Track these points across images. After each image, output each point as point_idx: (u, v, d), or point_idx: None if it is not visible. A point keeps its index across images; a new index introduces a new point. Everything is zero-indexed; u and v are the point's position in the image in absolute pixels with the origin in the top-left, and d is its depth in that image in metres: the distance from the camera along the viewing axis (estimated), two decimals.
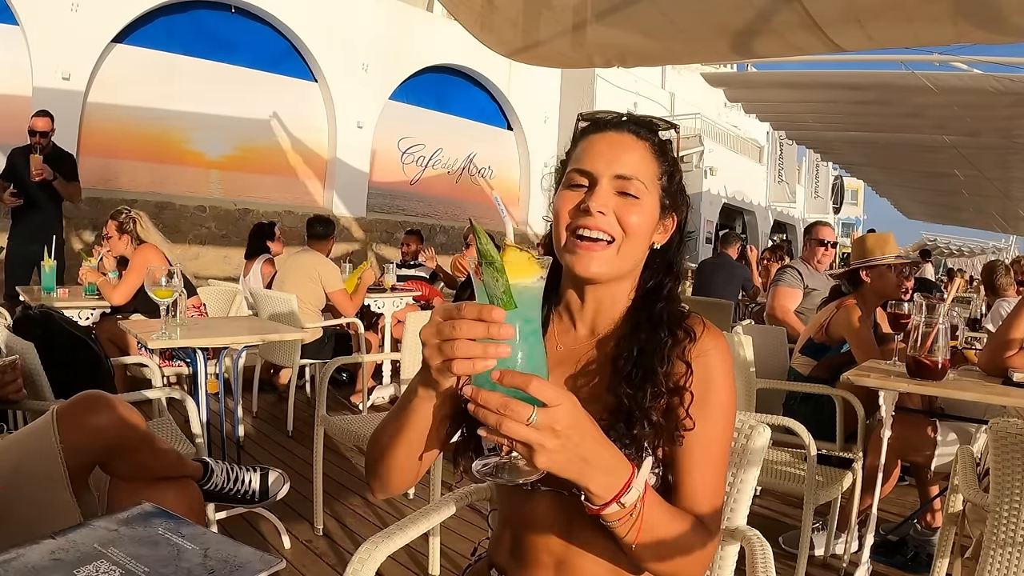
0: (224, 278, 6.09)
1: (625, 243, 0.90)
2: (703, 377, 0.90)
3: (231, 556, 0.72)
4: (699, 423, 0.88)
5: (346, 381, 4.90)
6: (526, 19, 3.04)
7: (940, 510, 2.44)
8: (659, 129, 0.97)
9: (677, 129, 1.01)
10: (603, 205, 0.89)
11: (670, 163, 0.96)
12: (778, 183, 18.47)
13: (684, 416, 0.88)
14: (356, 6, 9.47)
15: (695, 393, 0.88)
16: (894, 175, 9.36)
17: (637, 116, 0.97)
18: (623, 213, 0.90)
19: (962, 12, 2.27)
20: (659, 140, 0.96)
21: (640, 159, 0.92)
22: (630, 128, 0.94)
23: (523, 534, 0.95)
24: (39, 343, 2.08)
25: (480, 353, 0.65)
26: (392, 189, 10.63)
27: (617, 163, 0.91)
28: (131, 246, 3.59)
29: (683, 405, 0.88)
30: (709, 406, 0.89)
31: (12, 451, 1.31)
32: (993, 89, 4.62)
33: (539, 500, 0.92)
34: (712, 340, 0.92)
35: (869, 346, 2.66)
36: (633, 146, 0.93)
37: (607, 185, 0.90)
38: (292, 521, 2.56)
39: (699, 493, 0.89)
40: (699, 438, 0.88)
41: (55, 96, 6.82)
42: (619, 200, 0.90)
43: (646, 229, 0.92)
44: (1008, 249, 16.02)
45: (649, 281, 0.97)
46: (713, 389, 0.90)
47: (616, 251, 0.90)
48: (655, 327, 0.92)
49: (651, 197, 0.92)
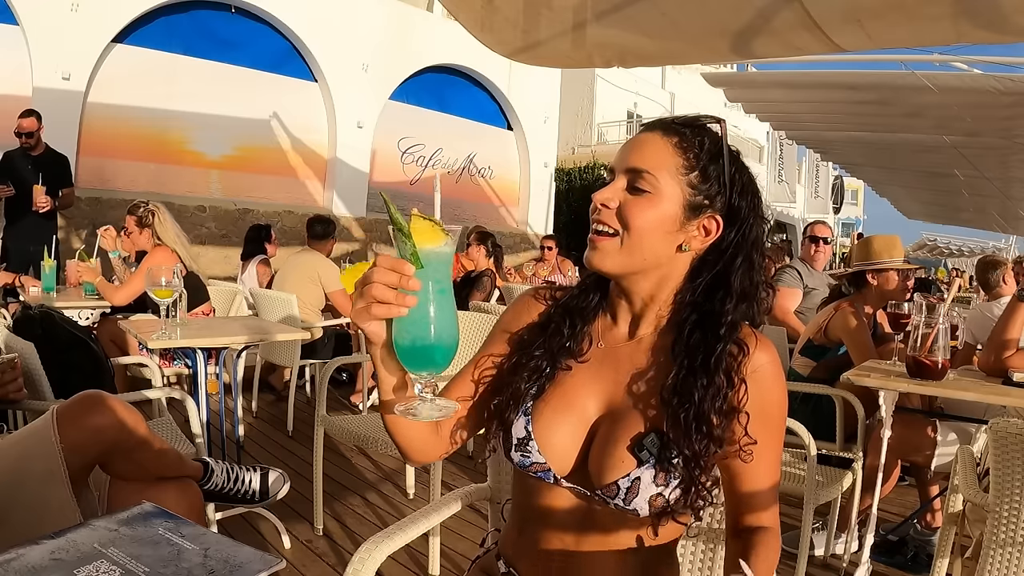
0: (224, 278, 6.09)
1: (628, 238, 0.89)
2: (758, 392, 0.88)
3: (231, 556, 0.72)
4: (759, 439, 0.88)
5: (346, 381, 4.90)
6: (526, 19, 3.04)
7: (940, 510, 2.44)
8: (698, 124, 0.93)
9: (723, 124, 0.93)
10: (606, 198, 0.89)
11: (704, 158, 0.90)
12: (778, 183, 18.48)
13: (743, 435, 0.87)
14: (356, 6, 9.47)
15: (751, 411, 0.87)
16: (894, 175, 9.35)
17: (681, 116, 0.94)
18: (627, 207, 0.89)
19: (962, 12, 2.27)
20: (692, 134, 0.91)
21: (657, 152, 0.89)
22: (661, 126, 0.93)
23: (536, 528, 0.95)
24: (39, 343, 2.08)
25: (393, 299, 0.72)
26: (392, 189, 10.62)
27: (631, 157, 0.90)
28: (152, 240, 3.51)
29: (741, 424, 0.87)
30: (767, 419, 0.89)
31: (12, 451, 1.31)
32: (993, 89, 4.62)
33: (559, 495, 0.92)
34: (764, 352, 0.90)
35: (866, 349, 2.66)
36: (653, 141, 0.91)
37: (620, 179, 0.90)
38: (292, 521, 2.56)
39: (761, 504, 0.94)
40: (761, 452, 0.89)
41: (55, 96, 6.82)
42: (629, 195, 0.89)
43: (655, 226, 0.88)
44: (1008, 249, 16.00)
45: (699, 299, 0.91)
46: (769, 404, 0.90)
47: (619, 244, 0.89)
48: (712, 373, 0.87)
49: (669, 192, 0.88)
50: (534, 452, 0.91)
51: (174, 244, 3.51)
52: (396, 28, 10.03)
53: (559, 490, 0.91)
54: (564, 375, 0.94)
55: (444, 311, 0.76)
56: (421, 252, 0.74)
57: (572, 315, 0.97)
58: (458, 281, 5.63)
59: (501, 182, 12.16)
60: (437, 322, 0.75)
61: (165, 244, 3.49)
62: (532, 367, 0.94)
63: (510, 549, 1.00)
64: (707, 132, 0.92)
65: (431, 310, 0.75)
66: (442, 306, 0.76)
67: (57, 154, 5.03)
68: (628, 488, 0.85)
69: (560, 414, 0.92)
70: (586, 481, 0.90)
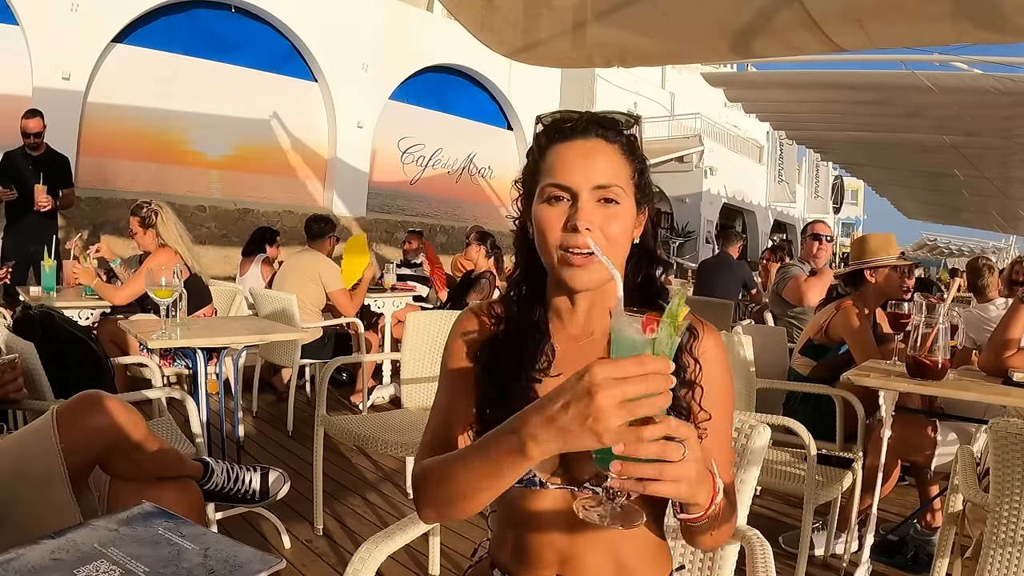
0: (224, 278, 6.09)
1: (610, 251, 0.90)
2: (709, 371, 0.94)
3: (231, 556, 0.72)
4: (713, 413, 0.93)
5: (346, 381, 4.90)
6: (526, 19, 3.04)
7: (940, 510, 2.44)
8: (624, 127, 0.96)
9: (640, 121, 0.99)
10: (589, 221, 0.89)
11: (640, 159, 0.97)
12: (778, 183, 18.50)
13: (699, 410, 0.92)
14: (356, 6, 9.47)
15: (704, 387, 0.93)
16: (894, 175, 9.36)
17: (600, 115, 0.96)
18: (606, 223, 0.90)
19: (962, 12, 2.26)
20: (627, 138, 0.96)
21: (614, 164, 0.92)
22: (597, 132, 0.93)
23: (526, 533, 0.96)
24: (39, 343, 2.08)
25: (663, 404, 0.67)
26: (392, 189, 10.63)
27: (594, 173, 0.91)
28: (155, 241, 3.50)
29: (695, 400, 0.93)
30: (717, 396, 0.95)
31: (12, 451, 1.31)
32: (993, 89, 4.62)
33: (544, 498, 0.93)
34: (711, 336, 0.97)
35: (868, 348, 2.66)
36: (605, 151, 0.92)
37: (588, 198, 0.90)
38: (292, 521, 2.56)
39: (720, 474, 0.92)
40: (715, 427, 0.93)
41: (55, 96, 6.82)
42: (601, 211, 0.91)
43: (628, 232, 0.94)
44: (1008, 249, 16.02)
45: (638, 275, 1.00)
46: (719, 381, 0.96)
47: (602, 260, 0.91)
48: None
49: (628, 199, 0.93)
50: None
51: (177, 245, 3.50)
52: (396, 28, 10.03)
53: (545, 493, 0.92)
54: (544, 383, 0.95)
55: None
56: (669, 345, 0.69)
57: (528, 329, 0.98)
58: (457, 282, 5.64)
59: (501, 182, 12.15)
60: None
61: (168, 245, 3.49)
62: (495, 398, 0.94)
63: (505, 557, 1.00)
64: (632, 132, 0.97)
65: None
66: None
67: (58, 154, 5.03)
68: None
69: None
70: (571, 478, 0.91)
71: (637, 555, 0.95)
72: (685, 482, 0.69)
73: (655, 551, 0.98)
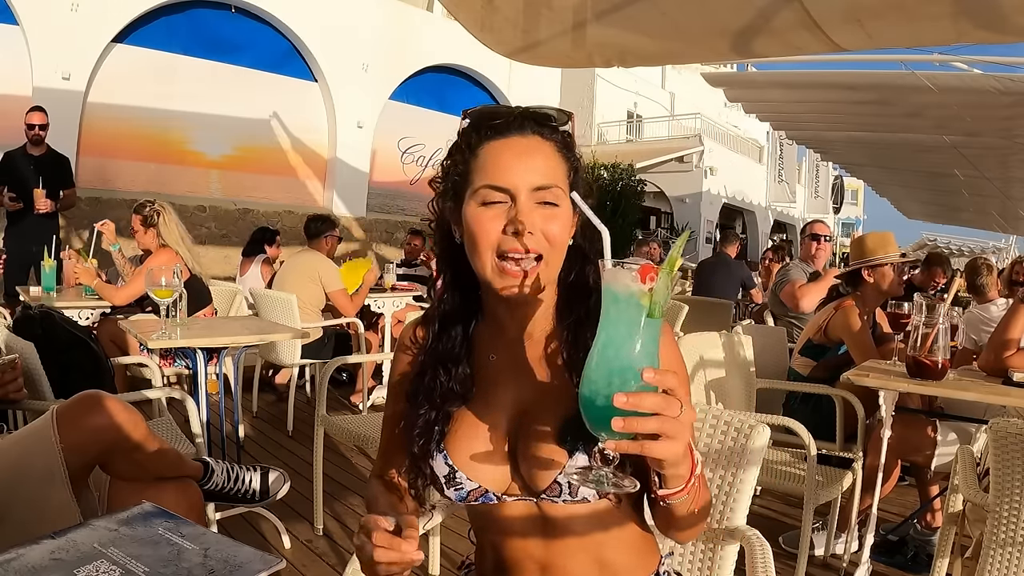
0: (224, 278, 6.09)
1: (552, 256, 0.87)
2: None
3: (231, 556, 0.72)
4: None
5: (346, 381, 4.90)
6: (526, 19, 3.03)
7: (940, 510, 2.44)
8: (559, 124, 0.92)
9: (572, 117, 0.95)
10: (531, 225, 0.84)
11: (575, 157, 0.93)
12: (778, 183, 18.51)
13: None
14: (356, 6, 9.47)
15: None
16: (894, 175, 9.36)
17: (533, 111, 0.91)
18: (546, 225, 0.86)
19: (962, 12, 2.26)
20: (562, 135, 0.91)
21: (551, 162, 0.88)
22: (533, 128, 0.89)
23: (502, 544, 0.94)
24: (39, 343, 2.08)
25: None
26: (392, 189, 10.63)
27: (532, 173, 0.86)
28: (156, 240, 3.50)
29: None
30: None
31: (12, 451, 1.31)
32: (993, 89, 4.62)
33: (508, 509, 0.90)
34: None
35: (867, 348, 2.66)
36: (542, 149, 0.88)
37: (527, 199, 0.85)
38: (292, 521, 2.56)
39: None
40: None
41: (55, 96, 6.82)
42: (540, 212, 0.86)
43: (567, 234, 0.89)
44: (1008, 249, 16.01)
45: (570, 273, 0.94)
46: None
47: (545, 266, 0.87)
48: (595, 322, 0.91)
49: (566, 199, 0.88)
50: (465, 481, 0.89)
51: (177, 246, 3.50)
52: (396, 28, 10.03)
53: (506, 505, 0.90)
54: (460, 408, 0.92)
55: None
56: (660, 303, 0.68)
57: (444, 362, 0.93)
58: None
59: None
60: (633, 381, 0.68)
61: (169, 245, 3.49)
62: (425, 419, 0.92)
63: (486, 568, 0.99)
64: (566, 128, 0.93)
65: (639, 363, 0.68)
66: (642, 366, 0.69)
67: (58, 155, 5.03)
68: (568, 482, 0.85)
69: (475, 438, 0.90)
70: (527, 489, 0.88)
71: (621, 552, 0.92)
72: (681, 440, 0.68)
73: (640, 545, 0.95)
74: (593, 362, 0.70)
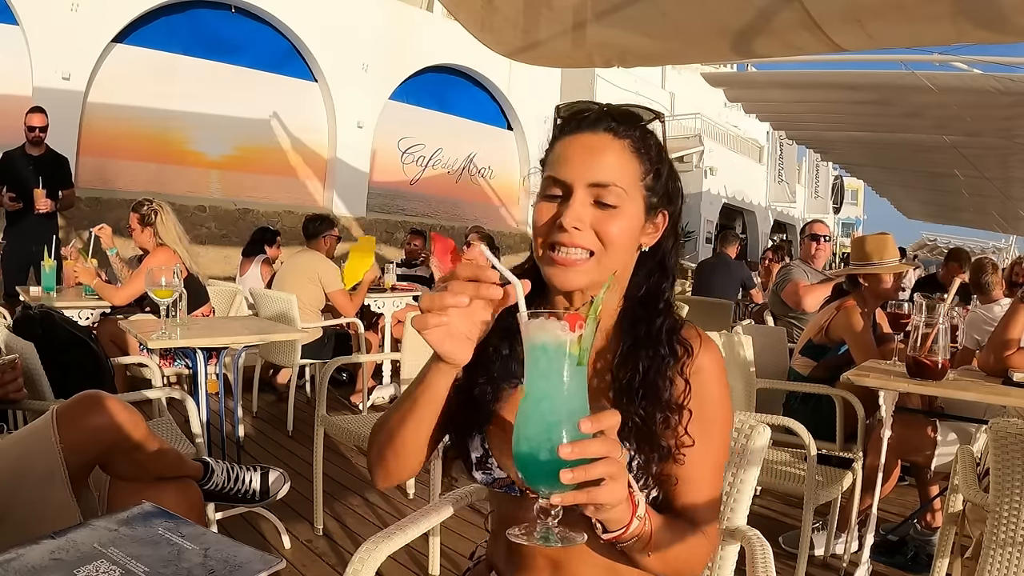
0: (224, 278, 6.09)
1: (605, 255, 0.85)
2: (701, 393, 0.88)
3: (231, 556, 0.72)
4: (698, 440, 0.87)
5: (346, 381, 4.90)
6: (526, 19, 3.03)
7: (940, 510, 2.44)
8: (642, 122, 0.90)
9: (662, 118, 0.91)
10: (578, 220, 0.83)
11: (655, 159, 0.89)
12: (778, 183, 18.50)
13: (683, 434, 0.87)
14: (356, 6, 9.47)
15: (693, 410, 0.87)
16: (894, 175, 9.36)
17: (618, 108, 0.89)
18: (601, 225, 0.84)
19: (962, 12, 2.26)
20: (640, 135, 0.88)
21: (618, 162, 0.86)
22: (608, 126, 0.87)
23: None
24: (39, 343, 2.08)
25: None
26: (392, 189, 10.63)
27: (592, 170, 0.84)
28: (153, 240, 3.49)
29: (682, 423, 0.87)
30: (707, 422, 0.88)
31: (12, 451, 1.31)
32: (993, 89, 4.62)
33: (529, 506, 0.91)
34: (708, 354, 0.91)
35: (869, 348, 2.66)
36: (610, 147, 0.86)
37: (582, 196, 0.84)
38: (292, 521, 2.56)
39: (698, 507, 0.88)
40: (698, 454, 0.87)
41: (55, 96, 6.81)
42: (596, 211, 0.85)
43: (628, 237, 0.87)
44: (1008, 249, 16.00)
45: (642, 286, 0.92)
46: (711, 405, 0.89)
47: (596, 263, 0.86)
48: (656, 344, 0.88)
49: (633, 202, 0.86)
50: (494, 469, 0.90)
51: (175, 245, 3.50)
52: (396, 28, 10.03)
53: (528, 500, 0.89)
54: (514, 391, 0.92)
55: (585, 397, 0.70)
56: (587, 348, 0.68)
57: (508, 337, 0.91)
58: None
59: (501, 182, 12.15)
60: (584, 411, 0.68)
61: (166, 244, 3.48)
62: (477, 394, 0.91)
63: (500, 559, 0.99)
64: (649, 130, 0.90)
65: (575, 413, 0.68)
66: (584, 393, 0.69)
67: (57, 155, 5.03)
68: None
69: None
70: None
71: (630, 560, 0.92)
72: (622, 479, 0.68)
73: None
74: (530, 418, 0.69)
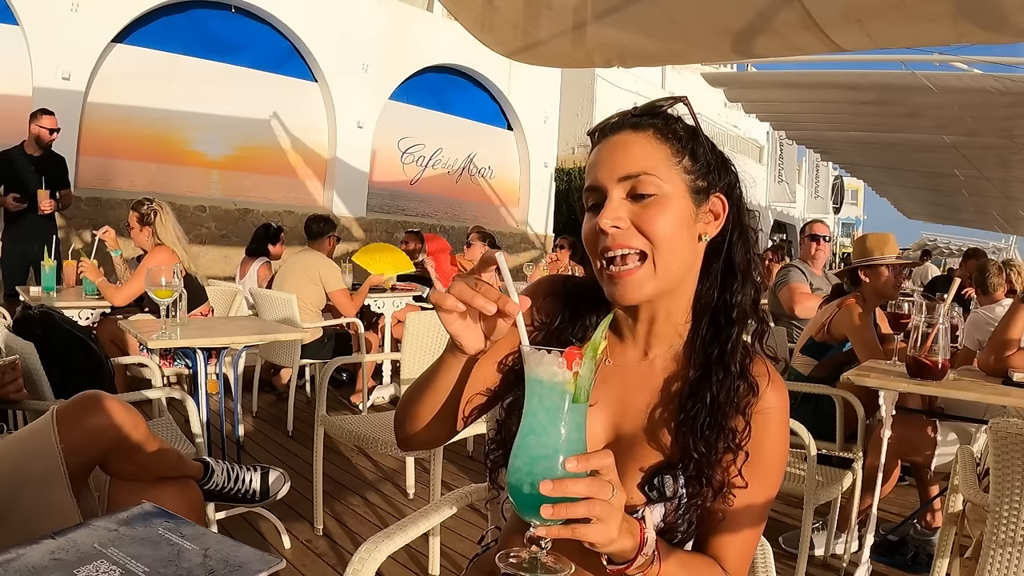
0: (224, 278, 6.09)
1: (659, 254, 0.79)
2: (761, 437, 0.83)
3: (231, 556, 0.72)
4: (750, 483, 0.82)
5: (346, 381, 4.90)
6: (526, 19, 3.04)
7: (940, 510, 2.44)
8: (662, 109, 0.85)
9: (686, 100, 0.85)
10: (615, 218, 0.79)
11: (685, 139, 0.83)
12: (778, 183, 18.47)
13: (735, 475, 0.82)
14: (356, 6, 9.47)
15: (751, 452, 0.82)
16: (894, 175, 9.36)
17: (634, 109, 0.87)
18: (643, 219, 0.79)
19: (962, 12, 2.27)
20: (663, 121, 0.84)
21: (643, 150, 0.81)
22: (628, 123, 0.84)
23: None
24: (39, 343, 2.08)
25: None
26: (392, 189, 10.62)
27: (620, 165, 0.81)
28: (152, 239, 3.49)
29: (735, 463, 0.82)
30: (762, 466, 0.83)
31: (12, 451, 1.31)
32: (993, 89, 4.62)
33: None
34: (775, 394, 0.85)
35: (872, 345, 2.65)
36: (633, 140, 0.82)
37: (616, 193, 0.80)
38: (292, 521, 2.56)
39: (731, 550, 0.84)
40: (745, 497, 0.83)
41: (55, 96, 6.81)
42: (634, 206, 0.80)
43: (678, 227, 0.80)
44: (1008, 249, 16.01)
45: (712, 293, 0.85)
46: (769, 449, 0.84)
47: (652, 267, 0.80)
48: (728, 370, 0.83)
49: (674, 187, 0.80)
50: None
51: (173, 245, 3.50)
52: (396, 28, 10.03)
53: None
54: None
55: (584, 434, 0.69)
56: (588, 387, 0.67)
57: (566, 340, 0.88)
58: None
59: (501, 182, 12.15)
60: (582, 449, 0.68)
61: (164, 244, 3.48)
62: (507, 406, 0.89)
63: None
64: (672, 115, 0.86)
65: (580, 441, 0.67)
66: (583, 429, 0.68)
67: (55, 155, 5.03)
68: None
69: None
70: None
71: None
72: (611, 522, 0.66)
73: None
74: (519, 449, 0.68)
